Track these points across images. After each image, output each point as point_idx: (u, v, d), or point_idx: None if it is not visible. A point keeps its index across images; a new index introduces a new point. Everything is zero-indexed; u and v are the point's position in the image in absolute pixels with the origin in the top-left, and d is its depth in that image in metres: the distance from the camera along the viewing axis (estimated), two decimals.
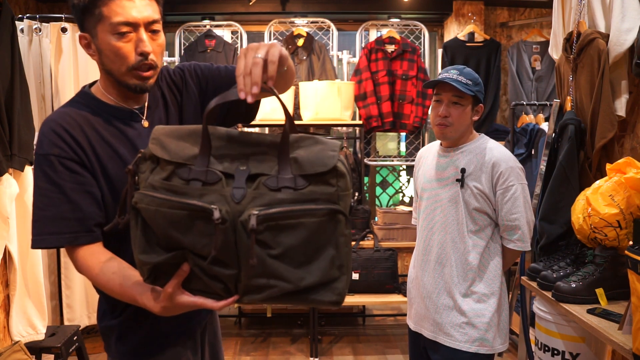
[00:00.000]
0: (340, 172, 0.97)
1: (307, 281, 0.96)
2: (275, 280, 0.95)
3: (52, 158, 1.15)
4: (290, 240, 0.94)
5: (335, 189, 0.97)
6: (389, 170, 4.74)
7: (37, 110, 3.21)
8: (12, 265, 2.77)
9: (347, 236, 0.98)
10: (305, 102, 3.85)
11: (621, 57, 2.15)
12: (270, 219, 0.92)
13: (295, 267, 0.95)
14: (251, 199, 0.93)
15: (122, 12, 1.13)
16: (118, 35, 1.14)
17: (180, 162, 0.97)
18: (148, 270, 0.99)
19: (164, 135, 1.00)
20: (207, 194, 0.94)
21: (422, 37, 4.25)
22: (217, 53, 4.06)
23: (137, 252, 0.99)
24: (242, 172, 0.96)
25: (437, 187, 1.95)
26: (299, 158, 0.97)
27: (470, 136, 1.95)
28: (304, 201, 0.95)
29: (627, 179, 1.79)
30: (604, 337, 1.61)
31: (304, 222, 0.94)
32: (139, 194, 0.97)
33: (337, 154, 0.98)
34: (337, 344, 3.79)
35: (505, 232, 1.89)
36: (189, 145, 0.98)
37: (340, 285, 0.98)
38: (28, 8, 3.77)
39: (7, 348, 2.48)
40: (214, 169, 0.96)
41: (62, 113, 1.20)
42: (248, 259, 0.92)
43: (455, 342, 1.88)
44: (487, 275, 1.90)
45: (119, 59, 1.15)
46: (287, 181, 0.95)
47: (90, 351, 3.18)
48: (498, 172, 1.86)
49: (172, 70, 1.33)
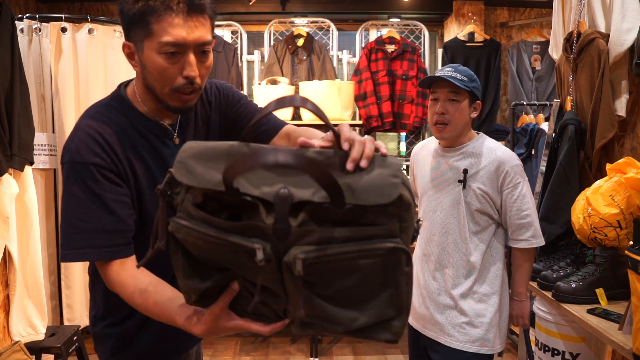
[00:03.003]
0: (406, 203, 0.80)
1: (359, 322, 0.84)
2: (325, 322, 0.85)
3: (92, 168, 1.09)
4: (343, 283, 0.81)
5: (398, 221, 0.81)
6: None
7: (37, 110, 3.21)
8: (12, 265, 2.76)
9: (408, 275, 0.82)
10: None
11: (621, 57, 2.15)
12: (319, 263, 0.78)
13: (347, 307, 0.84)
14: (297, 236, 0.78)
15: (172, 32, 1.05)
16: (165, 56, 1.07)
17: (209, 188, 0.83)
18: (196, 296, 0.89)
19: (190, 157, 0.86)
20: (246, 229, 0.80)
21: (422, 37, 4.25)
22: (217, 53, 4.06)
23: (182, 278, 0.88)
24: (285, 201, 0.78)
25: (438, 189, 1.94)
26: (353, 184, 0.79)
27: (469, 135, 1.94)
28: (360, 238, 0.79)
29: (627, 179, 1.79)
30: (604, 337, 1.61)
31: (360, 263, 0.79)
32: (174, 223, 0.85)
33: (399, 181, 0.80)
34: (337, 344, 3.79)
35: (517, 232, 1.88)
36: (219, 166, 0.83)
37: (397, 324, 0.86)
38: (28, 8, 3.77)
39: (7, 348, 2.48)
40: (250, 193, 0.80)
41: (99, 118, 1.14)
42: (295, 302, 0.81)
43: (456, 342, 1.88)
44: (488, 276, 1.90)
45: (163, 79, 1.09)
46: (339, 213, 0.80)
47: (90, 351, 3.18)
48: (504, 172, 1.85)
49: (208, 86, 1.30)
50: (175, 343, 1.30)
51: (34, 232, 2.86)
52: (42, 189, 3.26)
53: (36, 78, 3.21)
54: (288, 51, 4.16)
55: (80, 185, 1.09)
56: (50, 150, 3.31)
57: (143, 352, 1.27)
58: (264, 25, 4.28)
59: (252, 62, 4.32)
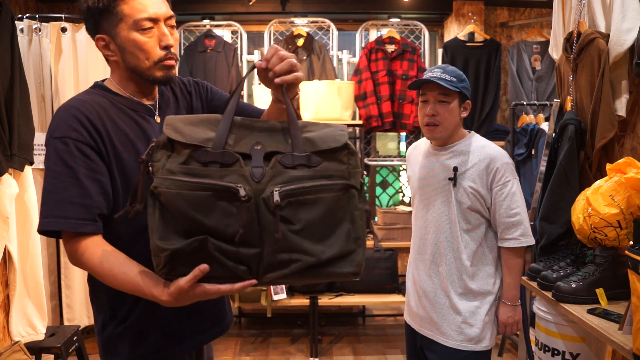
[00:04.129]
0: (352, 150, 1.04)
1: (327, 254, 1.00)
2: (298, 254, 0.99)
3: (68, 141, 1.15)
4: (310, 215, 0.99)
5: (347, 166, 1.04)
6: (389, 170, 4.74)
7: (37, 110, 3.21)
8: (12, 265, 2.76)
9: (361, 210, 1.03)
10: (305, 102, 3.85)
11: (621, 57, 2.14)
12: (291, 195, 0.97)
13: (315, 241, 0.99)
14: (270, 177, 0.98)
15: (144, 9, 1.18)
16: (142, 31, 1.18)
17: (196, 144, 0.99)
18: (165, 258, 0.97)
19: (177, 120, 1.02)
20: (227, 175, 0.97)
21: (422, 37, 4.25)
22: (217, 53, 4.06)
23: (155, 239, 0.97)
24: (259, 151, 1.00)
25: (429, 188, 1.95)
26: (311, 137, 1.03)
27: (460, 134, 1.95)
28: (320, 177, 1.00)
29: (627, 179, 1.79)
30: (604, 337, 1.61)
31: (322, 197, 0.99)
32: (158, 178, 0.97)
33: (346, 134, 1.06)
34: (337, 344, 3.79)
35: (506, 231, 1.88)
36: (201, 130, 1.01)
37: (358, 258, 1.03)
38: (28, 8, 3.77)
39: (7, 348, 2.47)
40: (230, 150, 0.99)
41: (80, 100, 1.21)
42: (272, 234, 0.96)
43: (452, 341, 1.89)
44: (482, 274, 1.91)
45: (143, 54, 1.20)
46: (302, 159, 1.00)
47: (90, 351, 3.18)
48: (494, 169, 1.86)
49: (186, 80, 1.41)
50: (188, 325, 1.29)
51: (34, 232, 2.85)
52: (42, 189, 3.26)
53: (36, 78, 3.21)
54: (288, 51, 4.16)
55: (55, 158, 1.15)
56: None
57: (159, 342, 1.26)
58: (264, 25, 4.28)
59: (252, 62, 4.31)
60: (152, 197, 0.98)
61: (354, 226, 1.02)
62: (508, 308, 1.92)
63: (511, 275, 1.91)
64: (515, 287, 1.92)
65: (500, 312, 1.92)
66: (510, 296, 1.92)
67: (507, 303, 1.92)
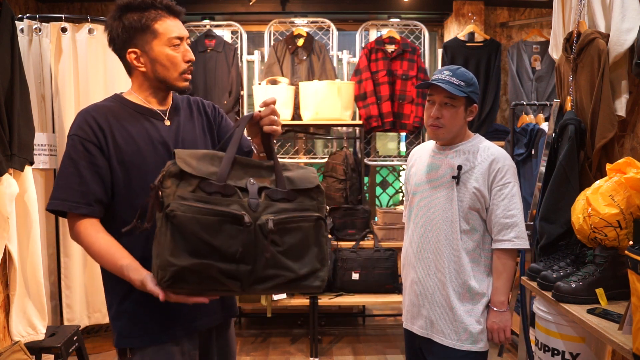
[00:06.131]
0: (321, 190, 1.33)
1: (302, 271, 1.26)
2: (282, 271, 1.23)
3: (75, 138, 1.40)
4: (292, 240, 1.24)
5: (317, 202, 1.31)
6: (389, 170, 4.74)
7: (37, 110, 3.21)
8: (12, 265, 2.76)
9: (326, 237, 1.31)
10: (305, 102, 3.85)
11: (621, 57, 2.14)
12: (280, 223, 1.22)
13: (294, 260, 1.25)
14: (264, 207, 1.23)
15: (174, 29, 1.46)
16: (173, 47, 1.45)
17: (203, 176, 1.20)
18: (172, 272, 1.14)
19: (186, 155, 1.23)
20: (231, 204, 1.20)
21: (422, 37, 4.25)
22: (217, 53, 4.06)
23: (166, 255, 1.14)
24: (253, 186, 1.24)
25: (432, 185, 1.95)
26: (291, 176, 1.30)
27: (466, 135, 1.96)
28: (300, 209, 1.27)
29: (627, 179, 1.79)
30: (604, 337, 1.61)
31: (301, 225, 1.26)
32: (174, 202, 1.15)
33: (317, 176, 1.35)
34: (337, 344, 3.79)
35: (501, 233, 1.87)
36: (205, 164, 1.23)
37: (323, 274, 1.30)
38: (28, 8, 3.77)
39: (7, 348, 2.47)
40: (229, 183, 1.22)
41: (95, 105, 1.46)
42: (264, 253, 1.19)
43: (449, 340, 1.89)
44: (480, 274, 1.91)
45: (173, 66, 1.46)
46: (284, 194, 1.27)
47: (90, 351, 3.18)
48: (495, 169, 1.86)
49: (206, 103, 1.64)
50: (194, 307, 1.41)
51: (34, 232, 2.86)
52: (42, 189, 3.26)
53: (36, 78, 3.21)
54: (288, 51, 4.16)
55: (66, 152, 1.41)
56: (51, 150, 3.31)
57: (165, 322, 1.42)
58: (264, 25, 4.28)
59: (252, 62, 4.32)
60: (166, 218, 1.15)
61: (320, 249, 1.29)
62: (494, 313, 1.90)
63: (500, 280, 1.89)
64: (503, 292, 1.89)
65: (487, 316, 1.91)
66: (496, 300, 1.90)
67: (494, 308, 1.90)
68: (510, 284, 1.92)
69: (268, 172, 1.30)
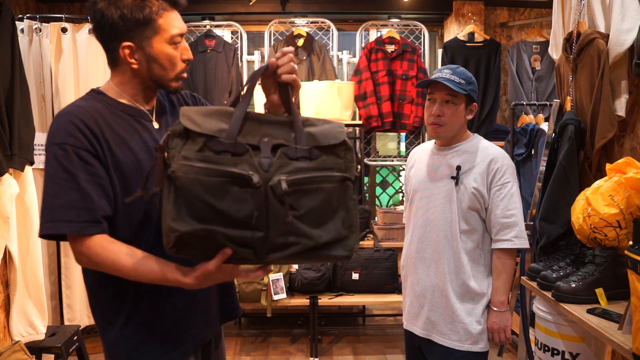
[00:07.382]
0: (349, 146, 1.15)
1: (324, 238, 1.09)
2: (299, 238, 1.08)
3: (67, 147, 1.18)
4: (311, 203, 1.08)
5: (344, 160, 1.13)
6: (389, 170, 4.74)
7: (37, 110, 3.21)
8: (12, 265, 2.77)
9: (355, 200, 1.14)
10: (305, 102, 3.85)
11: (621, 57, 2.14)
12: (296, 184, 1.06)
13: (314, 226, 1.09)
14: (277, 167, 1.07)
15: (175, 25, 1.27)
16: (174, 45, 1.27)
17: (210, 134, 1.07)
18: (175, 238, 1.04)
19: (192, 112, 1.10)
20: (239, 164, 1.05)
21: (422, 37, 4.25)
22: (217, 53, 4.06)
23: (168, 220, 1.04)
24: (267, 143, 1.09)
25: (432, 185, 1.95)
26: (313, 132, 1.13)
27: (465, 135, 1.96)
28: (321, 169, 1.10)
29: (627, 179, 1.79)
30: (603, 337, 1.61)
31: (322, 187, 1.09)
32: (176, 164, 1.04)
33: (344, 131, 1.16)
34: (337, 344, 3.79)
35: (501, 232, 1.87)
36: (214, 121, 1.09)
37: (350, 242, 1.13)
38: (28, 8, 3.77)
39: (7, 348, 2.48)
40: (240, 141, 1.08)
41: (77, 106, 1.25)
42: (278, 219, 1.05)
43: (449, 340, 1.89)
44: (479, 274, 1.91)
45: (171, 65, 1.28)
46: (304, 152, 1.10)
47: (90, 351, 3.18)
48: (494, 169, 1.87)
49: (184, 93, 1.47)
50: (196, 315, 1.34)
51: (34, 232, 2.86)
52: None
53: (36, 78, 3.22)
54: None
55: (54, 164, 1.18)
56: None
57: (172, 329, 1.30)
58: (264, 25, 4.28)
59: (252, 62, 4.32)
60: (168, 181, 1.05)
61: (348, 214, 1.12)
62: (494, 313, 1.90)
63: (499, 279, 1.89)
64: (503, 292, 1.89)
65: (487, 317, 1.91)
66: (496, 300, 1.90)
67: (494, 308, 1.90)
68: (510, 283, 1.92)
69: (288, 127, 1.13)
